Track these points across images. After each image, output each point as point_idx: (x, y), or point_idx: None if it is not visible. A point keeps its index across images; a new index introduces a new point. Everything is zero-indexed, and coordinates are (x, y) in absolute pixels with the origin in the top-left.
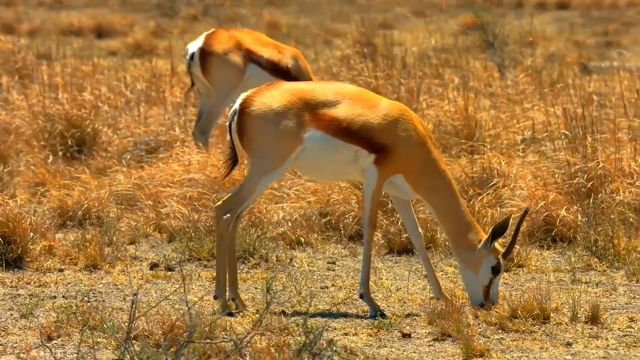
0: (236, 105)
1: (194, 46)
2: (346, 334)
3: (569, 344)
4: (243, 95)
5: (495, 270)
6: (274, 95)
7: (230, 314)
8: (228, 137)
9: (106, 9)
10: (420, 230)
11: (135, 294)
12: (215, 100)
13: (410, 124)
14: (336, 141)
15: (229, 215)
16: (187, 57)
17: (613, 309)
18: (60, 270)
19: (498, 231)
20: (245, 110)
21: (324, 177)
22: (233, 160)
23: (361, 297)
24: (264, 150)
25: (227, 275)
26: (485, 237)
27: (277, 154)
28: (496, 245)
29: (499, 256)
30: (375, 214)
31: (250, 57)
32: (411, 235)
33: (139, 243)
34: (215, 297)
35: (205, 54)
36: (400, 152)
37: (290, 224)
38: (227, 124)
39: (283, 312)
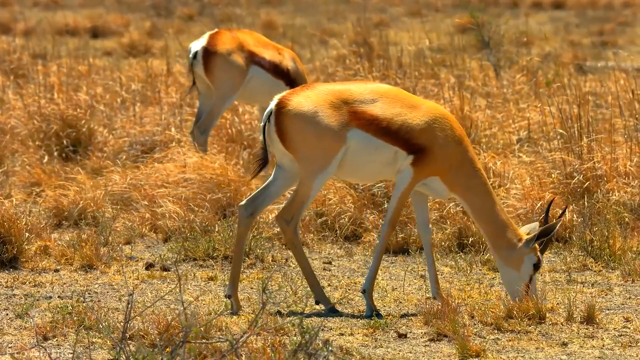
0: (272, 106)
1: (197, 45)
2: (342, 334)
3: (564, 344)
4: (279, 96)
5: (536, 267)
6: (311, 96)
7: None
8: (261, 138)
9: (101, 8)
10: (430, 226)
11: (131, 294)
12: (216, 101)
13: (447, 124)
14: (377, 141)
15: (292, 223)
16: (190, 56)
17: (609, 309)
18: (56, 271)
19: (544, 233)
20: (282, 111)
21: (360, 177)
22: (263, 161)
23: (363, 292)
24: (308, 152)
25: (231, 273)
26: (523, 234)
27: (322, 155)
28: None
29: (538, 253)
30: (399, 214)
31: (253, 58)
32: (420, 230)
33: (135, 243)
34: (317, 303)
35: (208, 53)
36: (438, 153)
37: None
38: (262, 124)
39: (279, 312)
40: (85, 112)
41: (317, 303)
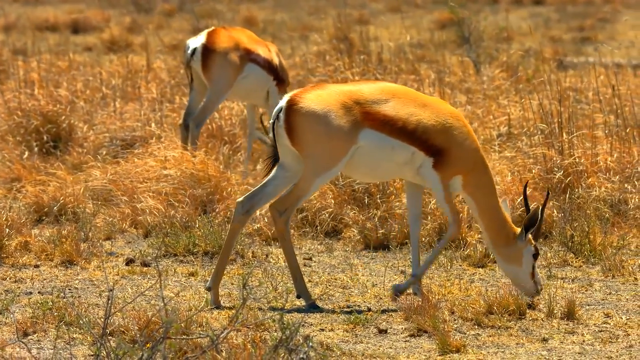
0: (282, 103)
1: (195, 42)
2: (322, 330)
3: (545, 340)
4: (290, 94)
5: (536, 257)
6: (323, 95)
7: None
8: (271, 135)
9: (82, 4)
10: (421, 219)
11: (111, 290)
12: (211, 97)
13: (460, 122)
14: (393, 141)
15: (285, 215)
16: (188, 52)
17: (589, 305)
18: (36, 266)
19: (530, 223)
20: (293, 108)
21: (375, 177)
22: (274, 159)
23: (413, 276)
24: (316, 151)
25: (216, 266)
26: (517, 230)
27: (330, 154)
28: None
29: (533, 243)
30: (456, 210)
31: (249, 56)
32: (411, 221)
33: (115, 239)
34: (298, 297)
35: (208, 51)
36: (457, 152)
37: (266, 219)
38: (271, 121)
39: (259, 308)
40: (66, 107)
41: (298, 297)
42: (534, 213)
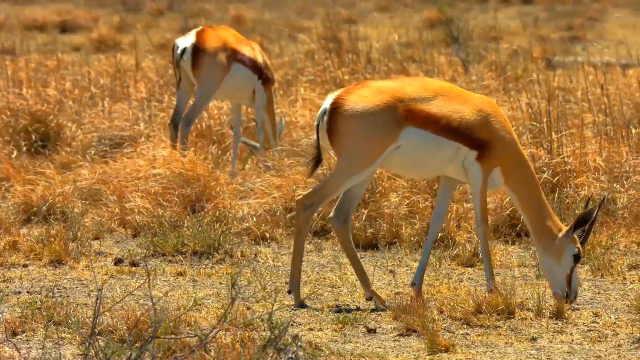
0: (326, 105)
1: (185, 42)
2: (311, 330)
3: (533, 339)
4: (333, 95)
5: (577, 258)
6: (366, 95)
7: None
8: (315, 137)
9: (70, 4)
10: (444, 218)
11: (100, 290)
12: (200, 96)
13: (500, 115)
14: (438, 138)
15: (309, 210)
16: (178, 52)
17: (578, 304)
18: (25, 266)
19: (582, 221)
20: (337, 110)
21: (417, 174)
22: (317, 160)
23: (490, 291)
24: (355, 151)
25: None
26: (564, 226)
27: (368, 154)
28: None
29: (578, 244)
30: (486, 209)
31: (235, 56)
32: (435, 219)
33: (104, 238)
34: (289, 292)
35: (198, 51)
36: (499, 145)
37: (255, 219)
38: (315, 124)
39: (248, 308)
40: (54, 107)
41: (289, 293)
42: (589, 212)
